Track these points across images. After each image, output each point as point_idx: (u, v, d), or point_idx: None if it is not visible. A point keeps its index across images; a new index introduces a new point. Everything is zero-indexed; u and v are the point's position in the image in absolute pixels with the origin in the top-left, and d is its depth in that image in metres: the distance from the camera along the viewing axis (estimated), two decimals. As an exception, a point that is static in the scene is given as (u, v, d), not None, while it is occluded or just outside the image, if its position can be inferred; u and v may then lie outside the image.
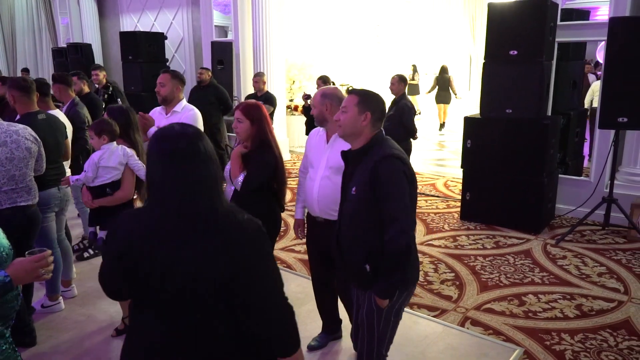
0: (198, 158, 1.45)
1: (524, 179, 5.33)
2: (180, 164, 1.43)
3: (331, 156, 2.83)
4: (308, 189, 2.94)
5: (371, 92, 2.35)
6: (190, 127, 1.52)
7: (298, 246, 4.99)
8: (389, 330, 2.32)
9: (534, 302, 3.88)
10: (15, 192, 3.03)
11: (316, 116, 2.89)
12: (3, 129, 3.00)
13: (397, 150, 2.20)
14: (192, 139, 1.46)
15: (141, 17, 11.10)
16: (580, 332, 3.46)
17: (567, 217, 5.76)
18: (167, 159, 1.44)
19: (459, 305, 3.84)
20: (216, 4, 9.58)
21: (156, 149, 1.48)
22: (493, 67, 5.45)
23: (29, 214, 3.12)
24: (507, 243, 5.09)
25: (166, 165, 1.44)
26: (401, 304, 2.30)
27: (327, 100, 2.83)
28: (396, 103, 5.86)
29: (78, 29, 11.71)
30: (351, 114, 2.23)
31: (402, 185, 2.12)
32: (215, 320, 1.48)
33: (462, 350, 3.26)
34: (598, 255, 4.76)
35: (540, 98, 5.26)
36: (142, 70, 9.09)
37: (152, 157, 1.49)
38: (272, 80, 8.29)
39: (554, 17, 5.38)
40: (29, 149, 3.09)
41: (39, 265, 1.77)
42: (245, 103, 3.10)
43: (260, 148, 2.96)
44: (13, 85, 3.50)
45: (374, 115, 2.23)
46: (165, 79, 3.70)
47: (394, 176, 2.12)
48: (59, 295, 3.77)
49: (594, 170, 5.67)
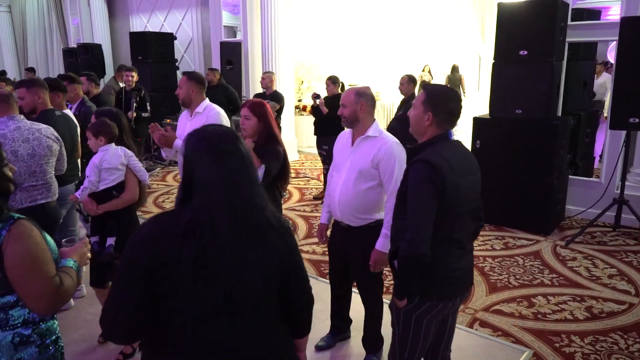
0: (244, 158, 1.47)
1: (533, 179, 5.29)
2: (231, 163, 1.43)
3: (355, 160, 2.76)
4: (331, 192, 2.90)
5: (442, 89, 2.25)
6: (232, 129, 1.54)
7: (306, 246, 4.99)
8: (411, 336, 2.22)
9: (544, 304, 3.85)
10: (35, 189, 3.11)
11: (348, 116, 2.74)
12: (27, 126, 3.11)
13: (437, 156, 2.04)
14: (236, 139, 1.48)
15: (151, 17, 11.16)
16: (590, 335, 3.43)
17: (577, 219, 5.72)
18: (220, 158, 1.42)
19: (467, 307, 3.82)
20: (225, 4, 9.61)
21: (203, 148, 1.44)
22: (503, 67, 5.42)
23: (48, 211, 3.18)
24: (517, 244, 5.06)
25: (217, 165, 1.42)
26: (423, 313, 2.17)
27: (363, 100, 2.73)
28: (406, 103, 5.85)
29: (88, 29, 11.79)
30: (417, 112, 2.16)
31: (422, 194, 2.00)
32: (266, 315, 1.53)
33: (470, 351, 3.24)
34: (608, 257, 4.72)
35: (550, 98, 5.23)
36: (151, 71, 9.14)
37: (198, 156, 1.43)
38: (281, 80, 8.30)
39: (564, 17, 5.34)
40: (50, 147, 3.18)
41: (88, 249, 1.88)
42: (251, 101, 3.18)
43: (269, 143, 3.03)
44: (37, 84, 3.62)
45: (437, 117, 2.11)
46: (181, 82, 3.66)
47: (415, 183, 2.02)
48: (81, 279, 3.80)
49: (604, 171, 5.62)
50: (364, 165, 2.72)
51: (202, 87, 3.70)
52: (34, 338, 1.70)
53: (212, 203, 1.40)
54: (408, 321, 2.20)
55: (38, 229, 1.66)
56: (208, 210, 1.39)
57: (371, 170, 2.72)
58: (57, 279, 1.64)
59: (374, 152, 2.70)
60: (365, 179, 2.73)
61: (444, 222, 2.05)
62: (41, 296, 1.60)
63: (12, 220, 1.61)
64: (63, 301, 1.66)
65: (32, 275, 1.58)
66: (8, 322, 1.66)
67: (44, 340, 1.73)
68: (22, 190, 3.05)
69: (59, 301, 1.65)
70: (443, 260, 2.12)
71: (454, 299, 2.22)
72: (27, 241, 1.60)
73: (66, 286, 1.66)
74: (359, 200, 2.75)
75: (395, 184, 2.58)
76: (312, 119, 6.66)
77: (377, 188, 2.76)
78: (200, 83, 3.70)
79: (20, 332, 1.67)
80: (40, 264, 1.60)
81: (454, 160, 2.07)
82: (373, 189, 2.75)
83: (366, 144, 2.75)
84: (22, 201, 3.06)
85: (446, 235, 2.10)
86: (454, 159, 2.08)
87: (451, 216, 2.06)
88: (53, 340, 1.77)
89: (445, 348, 2.42)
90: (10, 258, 1.57)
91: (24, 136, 3.06)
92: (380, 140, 2.74)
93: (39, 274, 1.59)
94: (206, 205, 1.40)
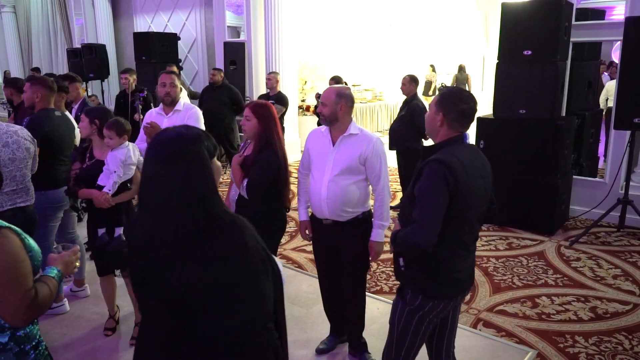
0: (199, 161, 1.40)
1: (537, 180, 5.28)
2: (173, 166, 1.38)
3: (338, 158, 2.81)
4: (314, 191, 2.90)
5: (455, 91, 2.26)
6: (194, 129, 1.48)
7: (309, 246, 4.97)
8: (410, 335, 2.23)
9: (548, 304, 3.84)
10: (15, 193, 3.01)
11: (327, 115, 2.81)
12: (3, 129, 2.95)
13: (452, 157, 2.03)
14: (180, 144, 1.41)
15: (155, 17, 11.18)
16: (594, 335, 3.42)
17: (581, 219, 5.70)
18: (161, 161, 1.41)
19: (471, 307, 3.81)
20: (229, 4, 9.61)
21: (153, 152, 1.43)
22: (507, 67, 5.40)
23: (28, 213, 3.11)
24: (520, 244, 5.05)
25: (159, 167, 1.40)
26: (425, 313, 2.19)
27: (343, 101, 2.78)
28: (407, 103, 5.84)
29: (92, 29, 11.83)
30: (430, 113, 2.18)
31: (436, 191, 1.99)
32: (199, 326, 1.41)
33: (474, 352, 3.24)
34: (613, 257, 4.70)
35: (555, 98, 5.21)
36: (155, 71, 9.14)
37: (148, 160, 1.44)
38: (285, 80, 8.30)
39: (568, 17, 5.32)
40: (28, 149, 3.07)
41: (76, 258, 1.85)
42: (256, 102, 3.14)
43: (264, 150, 2.94)
44: (41, 83, 3.61)
45: (447, 117, 2.11)
46: (173, 79, 3.70)
47: (430, 180, 2.01)
48: (63, 296, 3.80)
49: (609, 171, 5.60)
50: (351, 162, 2.79)
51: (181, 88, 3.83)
52: (11, 345, 1.67)
53: (149, 209, 1.45)
54: (409, 320, 2.22)
55: (20, 236, 1.64)
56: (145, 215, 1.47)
57: (358, 166, 2.81)
58: (33, 292, 1.62)
59: (360, 150, 2.79)
60: (351, 174, 2.81)
61: (454, 224, 2.05)
62: (14, 309, 1.59)
63: None
64: (38, 313, 1.66)
65: (6, 289, 1.57)
66: None
67: (23, 347, 1.70)
68: (2, 194, 2.95)
69: (33, 314, 1.64)
70: (449, 261, 2.14)
71: (455, 298, 2.25)
72: (4, 255, 1.57)
73: (41, 298, 1.64)
74: (348, 195, 2.81)
75: (383, 179, 2.83)
76: (315, 119, 6.67)
77: (364, 182, 2.88)
78: (183, 83, 3.81)
79: None
80: (16, 277, 1.58)
81: (468, 162, 2.08)
82: (359, 183, 2.85)
83: (349, 141, 2.82)
84: (2, 204, 2.97)
85: (454, 237, 2.11)
86: (468, 161, 2.09)
87: (461, 218, 2.07)
88: (33, 346, 1.73)
89: (449, 346, 2.42)
90: None
91: (3, 140, 2.92)
92: (364, 138, 2.82)
93: (13, 288, 1.58)
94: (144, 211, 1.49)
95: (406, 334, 2.24)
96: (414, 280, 2.19)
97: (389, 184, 2.90)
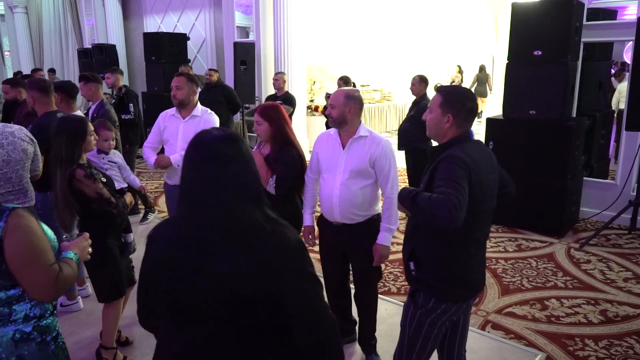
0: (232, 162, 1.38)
1: (547, 181, 5.24)
2: (206, 169, 1.36)
3: (349, 160, 2.80)
4: (325, 194, 2.89)
5: (458, 90, 2.25)
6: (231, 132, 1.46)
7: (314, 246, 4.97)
8: (421, 338, 2.21)
9: (557, 307, 3.81)
10: (11, 194, 2.96)
11: (336, 117, 2.79)
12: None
13: (467, 155, 2.02)
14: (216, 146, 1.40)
15: (164, 18, 11.24)
16: (604, 338, 3.39)
17: (591, 221, 5.65)
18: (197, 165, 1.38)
19: (479, 309, 3.79)
20: (238, 5, 9.65)
21: (187, 154, 1.42)
22: (517, 68, 5.37)
23: None
24: (530, 246, 5.02)
25: (195, 171, 1.38)
26: (437, 316, 2.17)
27: (352, 103, 2.77)
28: (417, 103, 5.82)
29: (103, 30, 11.91)
30: (435, 115, 2.14)
31: (458, 175, 1.93)
32: (241, 334, 1.37)
33: (482, 354, 3.22)
34: (624, 260, 4.65)
35: (565, 99, 5.17)
36: (164, 71, 9.19)
37: (185, 164, 1.41)
38: (293, 80, 8.31)
39: (579, 17, 5.28)
40: (25, 150, 3.00)
41: (88, 243, 1.89)
42: (263, 105, 3.13)
43: (284, 148, 2.99)
44: (33, 85, 3.56)
45: (457, 117, 2.10)
46: (181, 82, 3.63)
47: (450, 171, 1.95)
48: (76, 294, 3.82)
49: (620, 173, 5.55)
50: (361, 164, 2.78)
51: (197, 90, 3.74)
52: (34, 335, 1.71)
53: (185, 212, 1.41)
54: (421, 322, 2.20)
55: (35, 217, 1.68)
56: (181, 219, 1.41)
57: (369, 169, 2.80)
58: (57, 266, 1.67)
59: (370, 152, 2.78)
60: (362, 177, 2.80)
61: (468, 221, 1.99)
62: (42, 284, 1.63)
63: (8, 211, 1.61)
64: (64, 288, 1.70)
65: (32, 264, 1.61)
66: (10, 318, 1.67)
67: (44, 337, 1.74)
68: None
69: (60, 288, 1.68)
70: (461, 261, 2.12)
71: (467, 301, 2.23)
72: (25, 230, 1.61)
73: (66, 274, 1.69)
74: (360, 198, 2.81)
75: (392, 181, 2.81)
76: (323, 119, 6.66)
77: (374, 185, 2.86)
78: (197, 85, 3.73)
79: (21, 329, 1.68)
80: (39, 252, 1.63)
81: (479, 158, 2.08)
82: (370, 186, 2.84)
83: (359, 144, 2.81)
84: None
85: (466, 235, 2.09)
86: (478, 157, 2.09)
87: (473, 215, 2.03)
88: (53, 337, 1.78)
89: (460, 347, 2.41)
90: (9, 249, 1.59)
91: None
92: (373, 140, 2.81)
93: (38, 263, 1.62)
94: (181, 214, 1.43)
95: (417, 338, 2.22)
96: (426, 283, 2.17)
97: (399, 185, 2.89)
